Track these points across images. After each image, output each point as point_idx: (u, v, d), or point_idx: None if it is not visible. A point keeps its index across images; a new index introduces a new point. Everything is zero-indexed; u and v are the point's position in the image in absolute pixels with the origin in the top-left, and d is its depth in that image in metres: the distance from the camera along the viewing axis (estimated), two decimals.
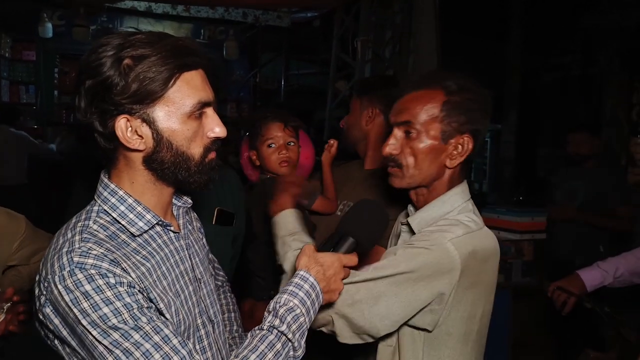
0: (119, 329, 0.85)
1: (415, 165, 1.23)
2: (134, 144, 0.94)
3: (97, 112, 0.92)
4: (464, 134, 1.21)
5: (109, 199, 0.98)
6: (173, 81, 0.92)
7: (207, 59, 1.00)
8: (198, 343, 1.04)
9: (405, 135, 1.24)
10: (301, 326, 0.98)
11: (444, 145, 1.22)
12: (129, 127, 0.93)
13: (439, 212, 1.25)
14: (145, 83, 0.90)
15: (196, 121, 0.97)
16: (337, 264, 1.06)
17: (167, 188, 1.02)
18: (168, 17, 6.69)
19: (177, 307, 0.98)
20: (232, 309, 1.39)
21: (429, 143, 1.22)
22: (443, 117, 1.20)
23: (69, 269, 0.86)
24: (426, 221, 1.25)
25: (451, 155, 1.23)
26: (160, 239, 1.02)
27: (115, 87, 0.90)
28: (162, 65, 0.91)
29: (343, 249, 1.10)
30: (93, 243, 0.90)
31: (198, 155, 0.98)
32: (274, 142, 1.76)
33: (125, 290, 0.87)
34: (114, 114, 0.92)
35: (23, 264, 1.59)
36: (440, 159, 1.23)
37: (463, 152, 1.22)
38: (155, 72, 0.90)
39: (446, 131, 1.21)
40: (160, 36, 0.95)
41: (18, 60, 6.92)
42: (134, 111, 0.92)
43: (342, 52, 5.42)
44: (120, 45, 0.90)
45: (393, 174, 1.27)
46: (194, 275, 1.08)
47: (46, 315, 0.90)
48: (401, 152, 1.24)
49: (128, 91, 0.90)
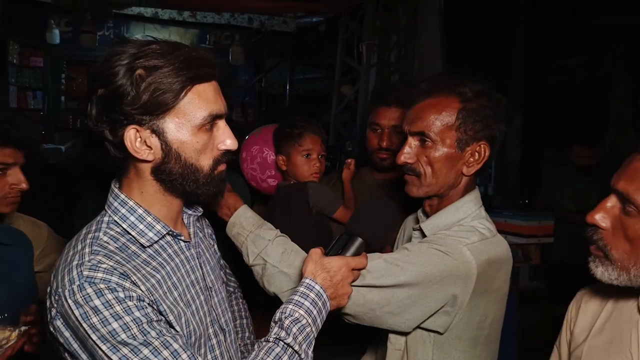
0: (128, 344, 0.85)
1: (433, 174, 1.21)
2: (142, 155, 0.94)
3: (108, 121, 0.92)
4: (480, 141, 1.20)
5: (119, 209, 0.98)
6: (184, 93, 0.92)
7: (221, 70, 0.99)
8: (209, 352, 1.03)
9: (420, 143, 1.22)
10: (308, 336, 0.98)
11: (461, 153, 1.20)
12: (138, 137, 0.93)
13: (452, 218, 1.24)
14: (157, 94, 0.90)
15: (207, 133, 0.96)
16: (345, 269, 1.05)
17: (176, 199, 1.02)
18: (174, 23, 6.75)
19: (188, 317, 0.98)
20: (244, 316, 1.39)
21: (445, 151, 1.20)
22: (459, 125, 1.18)
23: (79, 283, 0.86)
24: (439, 227, 1.24)
25: (468, 163, 1.21)
26: (171, 248, 1.02)
27: (126, 97, 0.89)
28: (175, 77, 0.90)
29: (352, 251, 1.09)
30: (103, 256, 0.90)
31: (207, 167, 0.98)
32: (310, 153, 1.83)
33: (135, 304, 0.87)
34: (123, 123, 0.92)
35: (45, 271, 1.61)
36: (457, 166, 1.21)
37: (480, 159, 1.21)
38: (167, 84, 0.90)
39: (462, 139, 1.19)
40: (175, 47, 0.94)
41: (26, 67, 6.97)
42: (143, 122, 0.92)
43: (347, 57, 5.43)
44: (134, 55, 0.90)
45: (410, 182, 1.26)
46: (205, 284, 1.08)
47: (57, 327, 0.90)
48: (417, 160, 1.22)
49: (139, 102, 0.89)
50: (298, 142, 1.82)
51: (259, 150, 1.98)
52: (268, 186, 2.03)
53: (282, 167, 1.89)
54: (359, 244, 1.10)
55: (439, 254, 1.14)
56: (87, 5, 4.80)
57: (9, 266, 1.44)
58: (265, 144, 1.98)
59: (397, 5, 4.96)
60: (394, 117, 1.76)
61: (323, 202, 1.81)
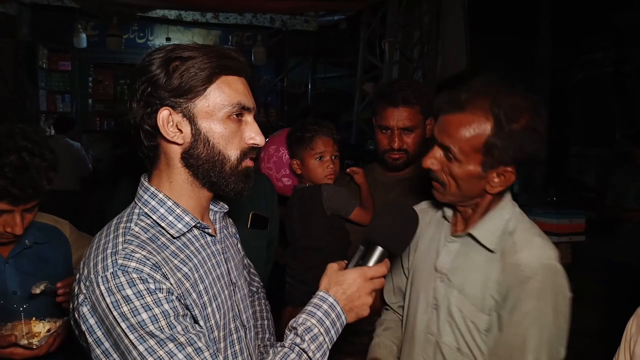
0: (155, 336, 0.87)
1: (456, 187, 1.20)
2: (173, 137, 0.97)
3: (144, 106, 0.97)
4: (507, 166, 1.15)
5: (149, 201, 1.00)
6: (214, 79, 0.97)
7: (249, 68, 1.03)
8: (230, 347, 1.04)
9: (445, 155, 1.20)
10: (321, 346, 0.99)
11: (484, 173, 1.17)
12: (170, 120, 0.97)
13: (501, 221, 1.22)
14: (188, 78, 0.95)
15: (235, 123, 0.99)
16: (360, 280, 1.05)
17: (204, 190, 1.03)
18: (197, 25, 6.84)
19: (212, 310, 1.00)
20: (266, 316, 1.39)
21: (468, 169, 1.17)
22: (486, 150, 1.13)
23: (112, 271, 0.88)
24: (493, 232, 1.21)
25: (492, 183, 1.18)
26: (198, 242, 1.04)
27: (161, 83, 0.95)
28: (205, 63, 0.96)
29: (372, 260, 1.08)
30: (136, 245, 0.92)
31: (234, 157, 1.00)
32: (322, 156, 1.84)
33: (165, 296, 0.89)
34: (158, 106, 0.96)
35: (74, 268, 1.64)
36: (480, 184, 1.19)
37: (504, 183, 1.17)
38: (197, 69, 0.95)
39: (487, 162, 1.15)
40: (209, 45, 1.01)
41: (54, 71, 7.15)
42: (176, 105, 0.96)
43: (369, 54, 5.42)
44: (171, 50, 0.97)
45: (436, 189, 1.26)
46: (229, 279, 1.09)
47: (82, 314, 0.91)
48: (441, 169, 1.21)
49: (172, 85, 0.95)
50: (310, 145, 1.84)
51: (275, 150, 2.00)
52: (283, 185, 2.04)
53: (297, 171, 1.91)
54: (380, 252, 1.08)
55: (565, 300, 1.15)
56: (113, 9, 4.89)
57: (45, 263, 1.49)
58: (281, 143, 2.00)
59: (420, 2, 4.93)
60: (403, 117, 1.73)
61: (338, 204, 1.81)
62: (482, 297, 1.20)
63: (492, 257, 1.20)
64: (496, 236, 1.20)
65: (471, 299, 1.21)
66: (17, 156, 1.27)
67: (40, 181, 1.31)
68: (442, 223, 1.34)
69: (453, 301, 1.23)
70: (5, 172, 1.25)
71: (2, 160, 1.25)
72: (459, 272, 1.24)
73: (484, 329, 1.19)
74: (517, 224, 1.22)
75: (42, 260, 1.49)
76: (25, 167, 1.27)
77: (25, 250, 1.45)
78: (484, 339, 1.19)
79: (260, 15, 6.30)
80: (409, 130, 1.75)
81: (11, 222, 1.33)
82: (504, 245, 1.19)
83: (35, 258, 1.47)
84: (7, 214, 1.32)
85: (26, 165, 1.28)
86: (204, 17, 6.28)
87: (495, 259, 1.20)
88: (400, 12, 5.02)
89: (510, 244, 1.19)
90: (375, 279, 1.08)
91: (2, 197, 1.28)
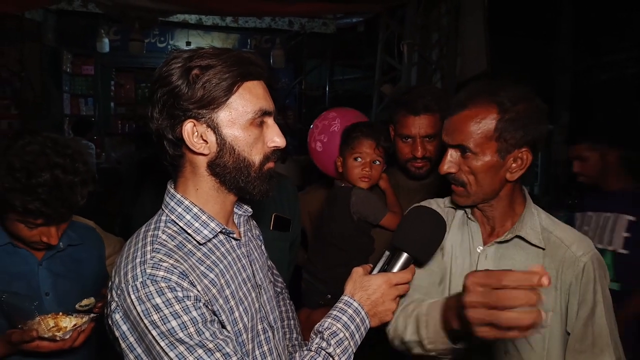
0: (185, 342, 0.89)
1: (477, 183, 1.21)
2: (198, 148, 0.99)
3: (167, 118, 0.98)
4: (522, 148, 1.19)
5: (175, 208, 1.02)
6: (236, 88, 0.98)
7: (268, 71, 1.04)
8: (258, 348, 1.06)
9: (460, 154, 1.22)
10: (346, 350, 1.01)
11: (502, 161, 1.19)
12: (195, 131, 0.98)
13: (534, 217, 1.26)
14: (210, 89, 0.96)
15: (257, 129, 1.01)
16: (385, 286, 1.06)
17: (230, 195, 1.05)
18: (217, 29, 6.93)
19: (239, 313, 1.02)
20: (292, 316, 1.41)
21: (486, 161, 1.19)
22: (498, 135, 1.17)
23: (142, 280, 0.91)
24: (535, 230, 1.24)
25: (511, 169, 1.21)
26: (224, 247, 1.06)
27: (183, 94, 0.96)
28: (226, 73, 0.96)
29: (397, 266, 1.09)
30: (163, 254, 0.95)
31: (258, 162, 1.02)
32: (361, 157, 1.82)
33: (193, 303, 0.92)
34: (182, 119, 0.97)
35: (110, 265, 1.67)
36: (500, 174, 1.21)
37: (523, 165, 1.21)
38: (219, 79, 0.96)
39: (503, 148, 1.18)
40: (225, 50, 1.01)
41: (78, 75, 7.34)
42: (200, 116, 0.97)
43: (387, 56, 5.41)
44: (189, 58, 0.97)
45: (457, 193, 1.26)
46: (255, 281, 1.11)
47: (115, 321, 0.94)
48: (459, 170, 1.22)
49: (194, 97, 0.96)
50: (352, 144, 1.83)
51: (333, 118, 2.01)
52: (314, 148, 2.04)
53: (339, 169, 1.90)
54: (405, 259, 1.09)
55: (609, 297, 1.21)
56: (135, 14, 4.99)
57: (77, 263, 1.52)
58: (342, 117, 2.00)
59: (439, 3, 4.91)
60: (424, 124, 1.72)
61: (366, 210, 1.80)
62: None
63: (537, 253, 1.23)
64: (539, 233, 1.23)
65: None
66: (50, 175, 1.25)
67: (74, 199, 1.30)
68: (466, 224, 1.34)
69: None
70: (38, 194, 1.24)
71: (36, 180, 1.24)
72: None
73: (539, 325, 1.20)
74: (547, 220, 1.27)
75: (74, 261, 1.51)
76: (58, 186, 1.26)
77: (59, 253, 1.48)
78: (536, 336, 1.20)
79: (278, 19, 6.36)
80: (432, 137, 1.74)
81: (47, 233, 1.35)
82: (549, 241, 1.23)
83: (69, 260, 1.50)
84: (43, 226, 1.33)
85: (59, 184, 1.26)
86: (223, 21, 6.37)
87: (540, 255, 1.23)
88: (418, 14, 5.00)
89: (555, 239, 1.23)
90: (400, 285, 1.09)
91: (36, 217, 1.29)
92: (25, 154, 1.26)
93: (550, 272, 1.21)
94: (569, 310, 1.20)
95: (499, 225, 1.28)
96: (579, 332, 1.19)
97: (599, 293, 1.19)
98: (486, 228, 1.31)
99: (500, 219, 1.28)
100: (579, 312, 1.19)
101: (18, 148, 1.27)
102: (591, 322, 1.18)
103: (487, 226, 1.31)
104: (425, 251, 1.14)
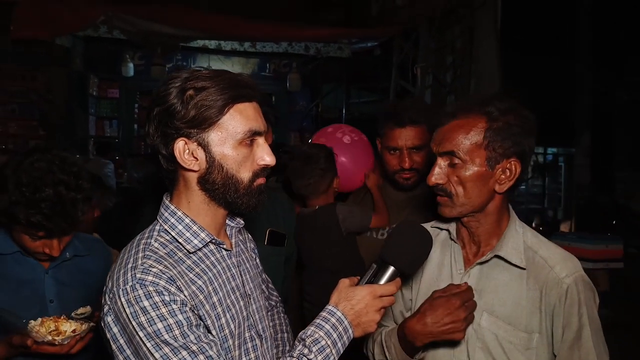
0: (170, 344, 0.94)
1: (465, 194, 1.21)
2: (189, 165, 1.04)
3: (161, 135, 1.04)
4: (510, 158, 1.20)
5: (169, 219, 1.08)
6: (227, 110, 1.02)
7: (260, 93, 1.09)
8: (244, 355, 1.09)
9: (449, 164, 1.23)
10: (327, 357, 1.03)
11: (491, 171, 1.20)
12: (186, 149, 1.04)
13: (518, 235, 1.25)
14: (202, 110, 1.01)
15: (247, 148, 1.06)
16: (369, 297, 1.08)
17: (220, 209, 1.10)
18: (236, 53, 7.13)
19: (226, 320, 1.05)
20: (285, 330, 1.43)
21: (475, 170, 1.20)
22: (487, 144, 1.19)
23: (131, 284, 0.96)
24: (517, 249, 1.23)
25: (500, 180, 1.21)
26: (214, 256, 1.10)
27: (177, 114, 1.01)
28: (219, 95, 1.02)
29: (384, 279, 1.11)
30: (153, 261, 1.00)
31: (247, 179, 1.07)
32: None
33: (179, 307, 0.96)
34: (174, 137, 1.03)
35: None
36: (488, 185, 1.21)
37: (511, 176, 1.21)
38: (211, 101, 1.01)
39: (492, 157, 1.19)
40: (220, 72, 1.06)
41: (103, 98, 7.61)
42: (191, 135, 1.03)
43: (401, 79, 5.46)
44: (185, 79, 1.03)
45: (443, 204, 1.26)
46: (244, 291, 1.15)
47: (107, 323, 1.00)
48: (448, 181, 1.23)
49: (187, 117, 1.01)
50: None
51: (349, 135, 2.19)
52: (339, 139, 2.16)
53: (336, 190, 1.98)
54: (391, 272, 1.12)
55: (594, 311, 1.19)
56: (157, 40, 5.19)
57: (84, 273, 1.58)
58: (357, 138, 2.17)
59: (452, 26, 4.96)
60: (411, 136, 1.75)
61: (354, 222, 1.86)
62: (517, 315, 1.20)
63: (520, 273, 1.22)
64: (521, 252, 1.22)
65: (505, 319, 1.21)
66: (54, 191, 1.32)
67: (75, 214, 1.36)
68: (449, 246, 1.34)
69: (484, 325, 1.23)
70: (41, 208, 1.30)
71: (40, 195, 1.31)
72: (485, 294, 1.24)
73: (525, 347, 1.19)
74: (533, 238, 1.25)
75: (81, 271, 1.57)
76: (61, 202, 1.32)
77: (65, 263, 1.54)
78: (521, 359, 1.19)
79: (295, 44, 6.51)
80: (418, 149, 1.77)
81: (49, 245, 1.41)
82: (532, 262, 1.21)
83: (75, 270, 1.56)
84: (45, 238, 1.40)
85: (62, 200, 1.33)
86: (242, 46, 6.56)
87: (523, 275, 1.21)
88: (432, 37, 5.05)
89: (539, 260, 1.21)
90: (385, 297, 1.10)
91: (38, 230, 1.35)
92: (33, 170, 1.34)
93: (534, 293, 1.20)
94: (554, 333, 1.19)
95: (484, 244, 1.28)
96: (564, 355, 1.17)
97: (584, 316, 1.16)
98: (472, 248, 1.30)
99: (485, 237, 1.27)
100: (564, 335, 1.17)
101: (27, 164, 1.35)
102: (577, 345, 1.16)
103: (472, 246, 1.30)
104: (412, 265, 1.16)
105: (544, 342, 1.19)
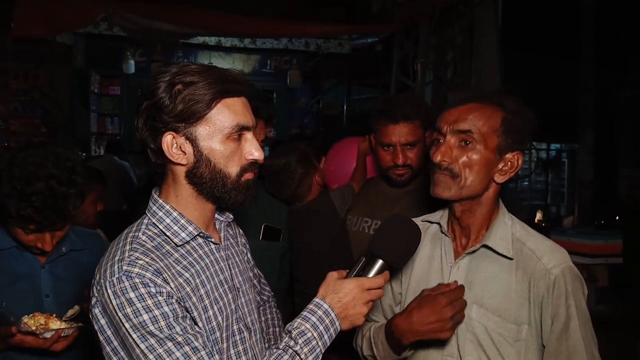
0: (155, 335, 0.94)
1: (470, 176, 1.20)
2: (177, 158, 1.04)
3: (150, 129, 1.04)
4: (515, 151, 1.22)
5: (157, 212, 1.09)
6: (215, 104, 1.03)
7: (249, 88, 1.09)
8: (233, 348, 1.10)
9: (462, 144, 1.21)
10: (314, 349, 1.03)
11: (498, 159, 1.22)
12: (174, 143, 1.04)
13: (506, 227, 1.25)
14: (190, 104, 1.01)
15: (234, 142, 1.06)
16: (357, 290, 1.08)
17: (208, 203, 1.11)
18: (237, 50, 7.13)
19: (214, 312, 1.06)
20: (277, 324, 1.44)
21: (485, 154, 1.20)
22: (502, 132, 1.20)
23: (118, 276, 0.97)
24: (506, 240, 1.23)
25: (502, 171, 1.23)
26: (202, 250, 1.11)
27: (165, 108, 1.02)
28: (207, 89, 1.02)
29: (372, 272, 1.12)
30: (140, 253, 1.01)
31: (234, 174, 1.07)
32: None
33: (165, 299, 0.97)
34: (162, 131, 1.03)
35: None
36: (491, 173, 1.22)
37: (512, 169, 1.23)
38: (199, 95, 1.02)
39: (502, 146, 1.21)
40: (210, 67, 1.07)
41: (105, 95, 7.64)
42: (179, 129, 1.03)
43: (402, 75, 5.45)
44: (174, 74, 1.03)
45: (441, 183, 1.21)
46: (233, 284, 1.16)
47: (94, 315, 1.01)
48: (455, 161, 1.21)
49: (175, 111, 1.02)
50: None
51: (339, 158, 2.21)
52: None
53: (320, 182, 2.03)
54: (380, 265, 1.12)
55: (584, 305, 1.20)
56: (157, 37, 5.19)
57: (81, 268, 1.58)
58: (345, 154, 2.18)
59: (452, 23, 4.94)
60: (404, 132, 1.75)
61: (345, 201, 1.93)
62: (507, 307, 1.20)
63: (509, 265, 1.22)
64: (509, 243, 1.23)
65: (495, 311, 1.21)
66: (45, 184, 1.33)
67: (67, 209, 1.37)
68: (440, 239, 1.34)
69: (474, 316, 1.23)
70: (32, 201, 1.31)
71: (31, 188, 1.32)
72: (474, 286, 1.24)
73: (514, 339, 1.19)
74: (521, 230, 1.26)
75: (78, 266, 1.58)
76: (52, 196, 1.33)
77: (62, 257, 1.55)
78: (510, 351, 1.19)
79: (295, 40, 6.50)
80: (412, 145, 1.77)
81: (41, 239, 1.42)
82: (521, 253, 1.22)
83: (71, 264, 1.57)
84: (37, 232, 1.41)
85: (53, 194, 1.33)
86: (242, 42, 6.56)
87: (512, 267, 1.22)
88: (432, 33, 5.04)
89: (527, 251, 1.22)
90: (373, 290, 1.11)
91: (28, 223, 1.36)
92: (26, 164, 1.35)
93: (523, 284, 1.20)
94: (543, 324, 1.19)
95: (474, 236, 1.28)
96: (553, 346, 1.17)
97: (572, 307, 1.16)
98: (462, 240, 1.30)
99: (476, 228, 1.27)
100: (552, 325, 1.17)
101: (20, 158, 1.36)
102: (565, 336, 1.16)
103: (463, 238, 1.30)
104: (400, 258, 1.16)
105: (533, 333, 1.20)
